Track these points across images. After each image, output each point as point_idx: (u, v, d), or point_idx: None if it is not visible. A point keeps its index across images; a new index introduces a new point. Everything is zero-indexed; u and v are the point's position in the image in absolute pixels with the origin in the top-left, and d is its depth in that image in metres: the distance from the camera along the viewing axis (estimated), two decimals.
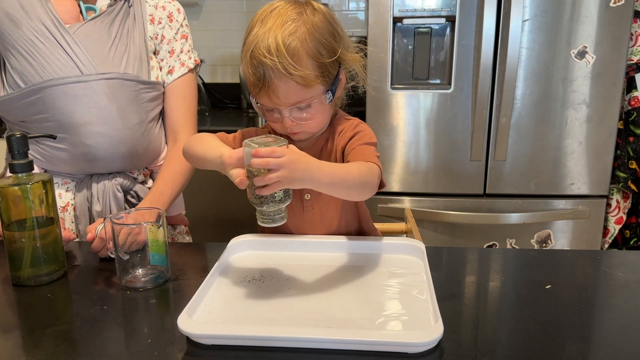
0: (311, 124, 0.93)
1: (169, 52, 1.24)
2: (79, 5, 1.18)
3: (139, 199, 1.21)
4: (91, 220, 1.17)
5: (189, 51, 1.27)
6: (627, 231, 2.13)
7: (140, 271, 0.90)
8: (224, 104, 2.78)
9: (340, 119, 1.01)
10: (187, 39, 1.27)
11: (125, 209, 1.19)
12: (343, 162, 0.97)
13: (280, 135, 0.96)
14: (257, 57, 0.85)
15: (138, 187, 1.22)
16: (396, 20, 1.90)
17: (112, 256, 0.91)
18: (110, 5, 1.18)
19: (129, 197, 1.21)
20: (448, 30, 1.92)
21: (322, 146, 0.99)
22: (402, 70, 1.96)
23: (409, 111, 1.96)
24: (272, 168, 0.74)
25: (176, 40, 1.25)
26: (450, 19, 1.88)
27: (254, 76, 0.87)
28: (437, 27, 1.92)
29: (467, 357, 0.69)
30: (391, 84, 1.93)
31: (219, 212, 2.29)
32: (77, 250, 1.05)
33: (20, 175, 0.88)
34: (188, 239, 1.38)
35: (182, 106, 1.26)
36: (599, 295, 0.86)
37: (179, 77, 1.24)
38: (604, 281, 0.91)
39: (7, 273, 0.92)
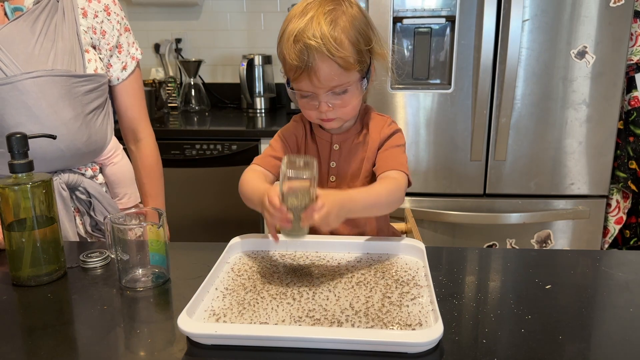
0: (346, 110, 0.99)
1: (116, 48, 1.25)
2: (4, 7, 1.14)
3: (89, 195, 1.20)
4: None
5: (134, 42, 1.29)
6: (627, 231, 2.13)
7: (140, 271, 0.90)
8: (224, 104, 2.79)
9: (373, 114, 1.08)
10: (129, 30, 1.29)
11: (76, 207, 1.20)
12: (377, 153, 1.05)
13: (312, 123, 1.07)
14: (303, 39, 0.91)
15: (87, 183, 1.20)
16: (396, 20, 1.90)
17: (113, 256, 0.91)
18: (36, 3, 1.14)
19: (77, 194, 1.20)
20: (448, 30, 1.92)
21: (354, 138, 1.07)
22: (402, 70, 1.97)
23: (409, 111, 1.96)
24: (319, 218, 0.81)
25: (121, 35, 1.25)
26: (450, 19, 1.88)
27: (298, 59, 0.92)
28: (437, 27, 1.93)
29: (467, 357, 0.69)
30: (391, 84, 1.93)
31: (219, 212, 2.29)
32: (78, 250, 1.05)
33: (20, 175, 0.88)
34: None
35: (135, 103, 1.29)
36: (599, 295, 0.86)
37: (132, 71, 1.27)
38: (604, 281, 0.91)
39: (7, 273, 0.92)
